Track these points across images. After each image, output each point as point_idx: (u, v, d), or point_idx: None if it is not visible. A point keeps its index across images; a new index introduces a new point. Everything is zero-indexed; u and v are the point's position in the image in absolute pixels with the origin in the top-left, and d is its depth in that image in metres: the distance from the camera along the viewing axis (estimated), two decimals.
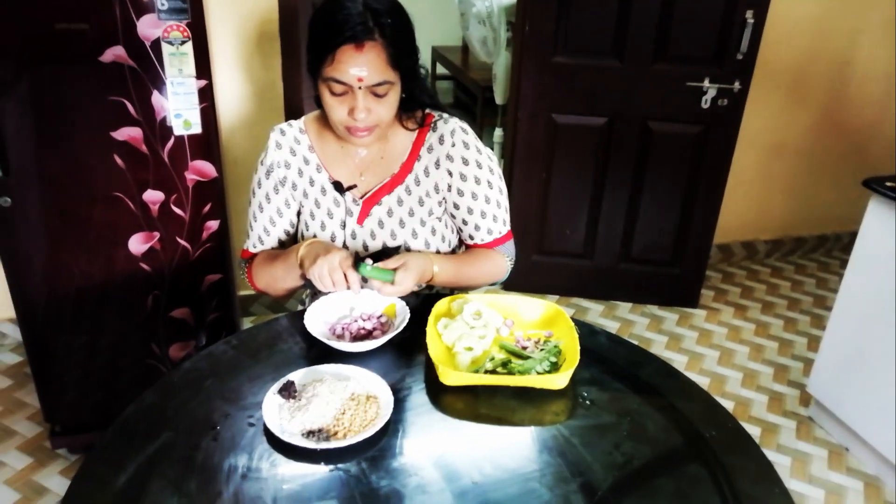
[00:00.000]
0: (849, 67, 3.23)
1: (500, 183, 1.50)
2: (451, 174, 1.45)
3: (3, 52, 1.68)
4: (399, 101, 1.37)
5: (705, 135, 2.80)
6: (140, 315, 2.05)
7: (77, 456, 2.22)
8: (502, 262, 1.53)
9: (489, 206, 1.48)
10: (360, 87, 1.29)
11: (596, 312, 3.11)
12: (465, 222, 1.50)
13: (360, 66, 1.26)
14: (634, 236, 3.04)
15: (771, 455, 2.34)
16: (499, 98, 3.97)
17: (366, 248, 1.48)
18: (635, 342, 1.46)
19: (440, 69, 5.49)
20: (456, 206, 1.48)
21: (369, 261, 1.29)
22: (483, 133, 4.66)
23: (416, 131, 1.46)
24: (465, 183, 1.45)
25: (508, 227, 1.53)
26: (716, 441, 1.14)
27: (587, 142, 2.90)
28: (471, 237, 1.52)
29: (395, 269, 1.29)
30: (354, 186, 1.46)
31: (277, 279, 1.44)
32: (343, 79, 1.28)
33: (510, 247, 1.55)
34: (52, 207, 1.86)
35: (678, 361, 2.79)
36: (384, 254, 1.43)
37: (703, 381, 2.67)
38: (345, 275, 1.28)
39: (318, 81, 1.33)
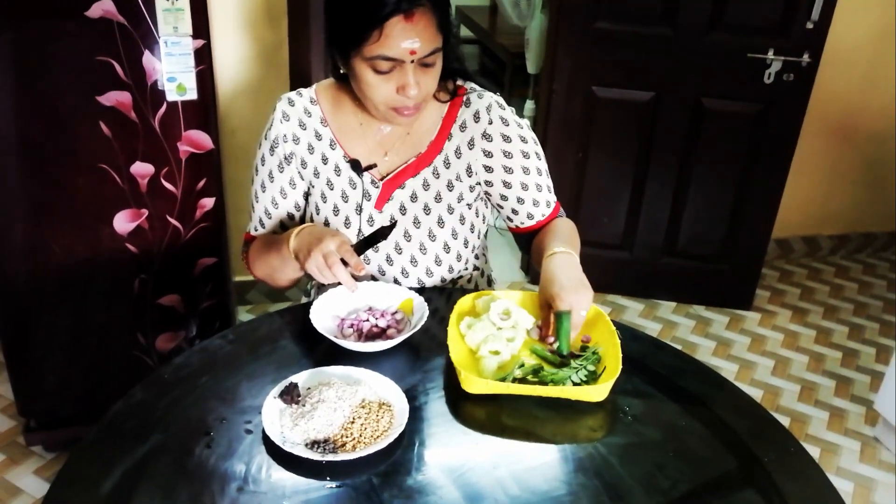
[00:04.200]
0: None
1: (541, 151, 1.51)
2: (489, 155, 1.44)
3: None
4: None
5: (766, 114, 2.76)
6: (125, 301, 2.07)
7: (53, 454, 2.24)
8: (574, 227, 1.54)
9: (542, 178, 1.49)
10: (412, 62, 1.27)
11: (634, 312, 3.09)
12: (520, 200, 1.49)
13: (412, 37, 1.24)
14: (680, 227, 3.01)
15: (830, 480, 2.32)
16: (531, 67, 3.94)
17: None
18: (678, 347, 1.45)
19: (464, 32, 5.46)
20: (507, 185, 1.47)
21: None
22: (512, 106, 4.63)
23: (447, 106, 1.45)
24: (511, 160, 1.45)
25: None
26: (774, 465, 1.12)
27: (630, 119, 2.87)
28: (530, 216, 1.51)
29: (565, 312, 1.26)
30: (374, 166, 1.45)
31: (275, 270, 1.43)
32: (393, 54, 1.25)
33: (563, 212, 1.57)
34: (31, 177, 1.87)
35: (727, 370, 2.77)
36: (380, 234, 1.36)
37: (754, 394, 2.65)
38: (344, 261, 1.26)
39: (354, 60, 1.29)
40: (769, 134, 2.80)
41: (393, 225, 1.38)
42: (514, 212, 1.51)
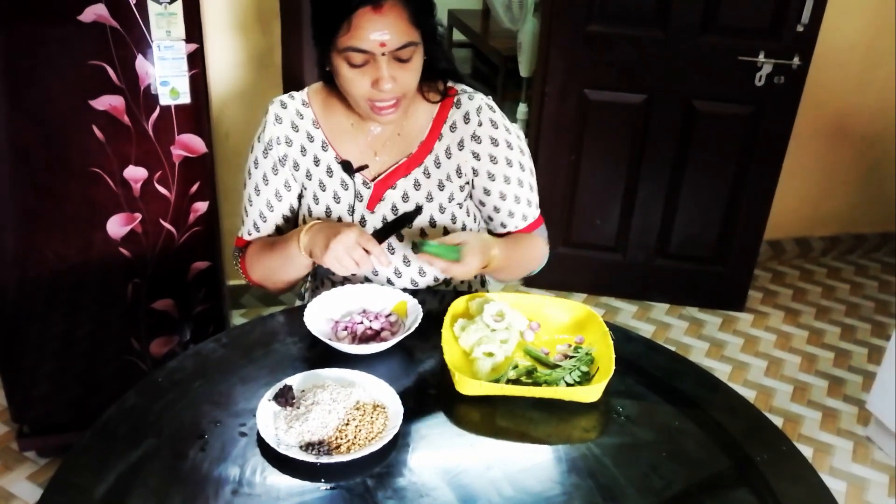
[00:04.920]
0: None
1: (530, 163, 1.51)
2: (477, 157, 1.45)
3: None
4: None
5: (758, 116, 2.77)
6: (119, 306, 2.06)
7: (47, 459, 2.24)
8: (544, 246, 1.55)
9: (522, 190, 1.49)
10: (383, 54, 1.28)
11: (628, 314, 3.10)
12: (496, 209, 1.49)
13: (381, 29, 1.25)
14: (673, 229, 3.02)
15: (823, 479, 2.32)
16: (524, 70, 3.95)
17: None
18: (672, 348, 1.45)
19: (457, 35, 5.47)
20: (486, 192, 1.48)
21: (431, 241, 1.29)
22: (505, 109, 4.63)
23: (437, 106, 1.45)
24: (496, 165, 1.45)
25: (539, 211, 1.54)
26: (767, 465, 1.13)
27: (623, 121, 2.88)
28: (503, 225, 1.52)
29: (458, 245, 1.29)
30: (365, 167, 1.46)
31: (276, 270, 1.43)
32: (363, 46, 1.27)
33: (544, 231, 1.57)
34: (23, 181, 1.87)
35: (720, 371, 2.78)
36: (404, 220, 1.40)
37: (748, 394, 2.66)
38: (365, 250, 1.27)
39: (332, 54, 1.31)
40: (761, 136, 2.81)
41: (418, 210, 1.40)
42: (490, 218, 1.53)
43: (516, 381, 1.22)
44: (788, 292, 3.33)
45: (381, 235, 1.37)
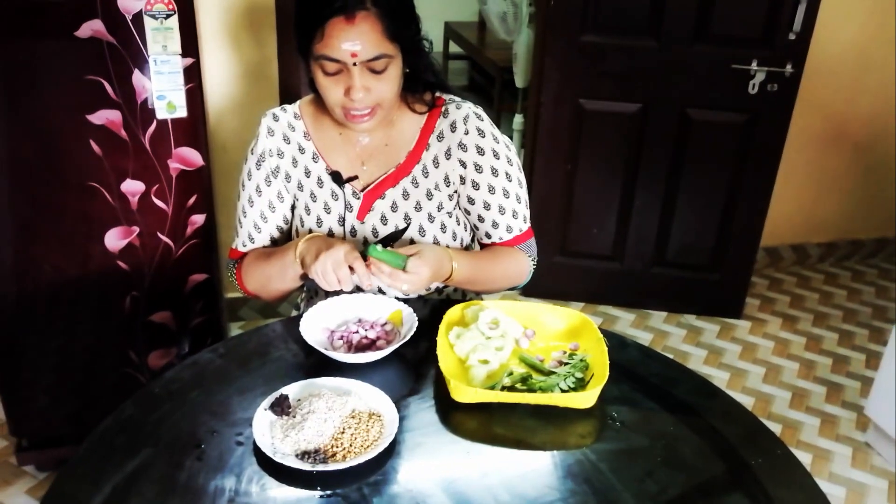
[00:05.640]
0: None
1: (519, 175, 1.50)
2: (464, 165, 1.45)
3: None
4: (403, 80, 1.37)
5: (752, 124, 2.79)
6: (116, 318, 2.07)
7: (46, 474, 2.23)
8: (525, 261, 1.53)
9: (508, 201, 1.48)
10: (354, 64, 1.29)
11: (626, 322, 3.10)
12: (481, 218, 1.50)
13: (352, 39, 1.27)
14: (670, 237, 3.03)
15: (823, 485, 2.30)
16: (519, 81, 3.96)
17: (374, 236, 1.49)
18: (670, 356, 1.46)
19: (454, 48, 5.50)
20: (471, 201, 1.48)
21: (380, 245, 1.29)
22: (501, 119, 4.66)
23: (425, 116, 1.47)
24: (480, 175, 1.45)
25: (529, 225, 1.54)
26: (762, 469, 1.13)
27: (618, 130, 2.89)
28: (488, 235, 1.52)
29: (408, 256, 1.29)
30: (355, 178, 1.47)
31: (271, 279, 1.44)
32: (334, 55, 1.28)
33: (531, 246, 1.55)
34: (21, 195, 1.88)
35: (719, 378, 2.78)
36: (393, 238, 1.43)
37: (746, 401, 2.66)
38: (351, 268, 1.28)
39: (310, 61, 1.34)
40: (755, 144, 2.82)
41: (400, 231, 1.41)
42: (476, 227, 1.53)
43: (511, 388, 1.22)
44: (786, 299, 3.33)
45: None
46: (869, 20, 3.10)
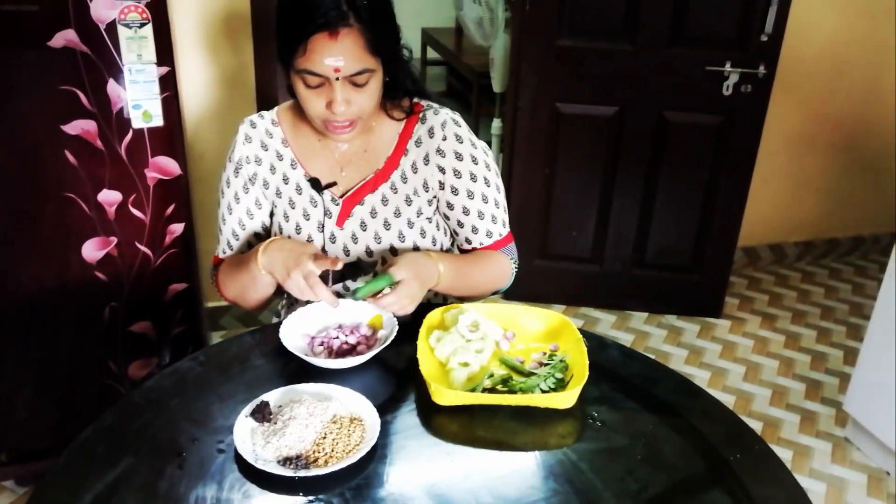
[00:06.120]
0: (886, 54, 3.26)
1: (497, 180, 1.51)
2: (442, 170, 1.46)
3: None
4: (382, 88, 1.38)
5: (728, 126, 2.82)
6: (96, 329, 2.05)
7: (26, 488, 2.21)
8: (507, 265, 1.54)
9: (487, 206, 1.49)
10: (337, 79, 1.29)
11: (607, 323, 3.12)
12: (460, 224, 1.50)
13: (336, 55, 1.27)
14: (649, 239, 3.06)
15: (803, 481, 2.35)
16: (497, 85, 3.98)
17: (347, 252, 1.49)
18: (651, 356, 1.47)
19: (431, 53, 5.52)
20: (450, 206, 1.49)
21: (354, 283, 1.29)
22: (479, 125, 4.68)
23: (403, 122, 1.47)
24: (459, 180, 1.46)
25: (508, 230, 1.55)
26: (740, 465, 1.15)
27: (595, 134, 2.92)
28: (468, 241, 1.52)
29: (388, 273, 1.29)
30: (334, 184, 1.47)
31: (246, 289, 1.44)
32: (317, 70, 1.29)
33: (512, 250, 1.56)
34: None
35: (699, 377, 2.80)
36: (358, 269, 1.43)
37: (727, 400, 2.68)
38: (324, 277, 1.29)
39: (291, 72, 1.34)
40: (731, 144, 2.85)
41: (374, 263, 1.42)
42: (455, 233, 1.54)
43: (492, 390, 1.23)
44: (764, 298, 3.37)
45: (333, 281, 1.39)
46: (841, 23, 3.14)
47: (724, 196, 2.94)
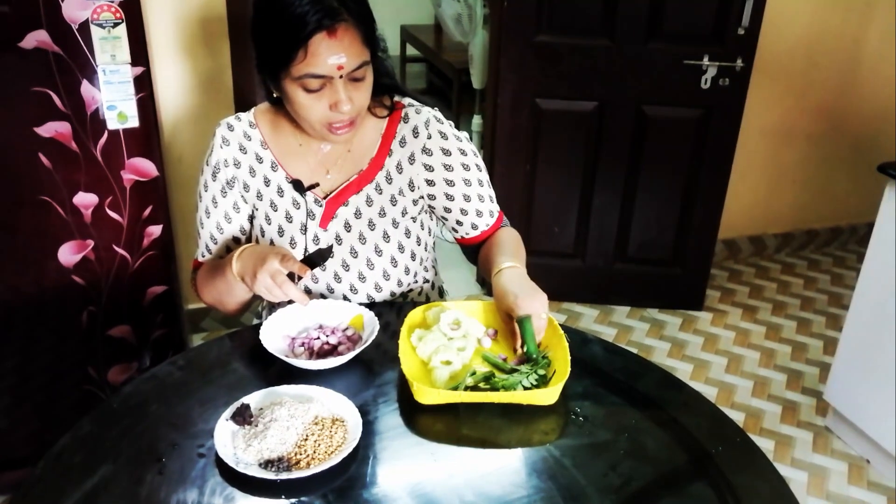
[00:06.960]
0: (861, 46, 3.29)
1: (481, 162, 1.53)
2: (430, 169, 1.46)
3: None
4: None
5: (706, 119, 2.84)
6: (74, 335, 2.03)
7: (4, 497, 2.18)
8: (516, 232, 1.56)
9: (483, 189, 1.51)
10: (340, 77, 1.28)
11: (590, 318, 3.13)
12: (463, 211, 1.51)
13: (338, 53, 1.25)
14: (630, 233, 3.07)
15: (785, 471, 2.37)
16: (476, 82, 3.99)
17: (337, 244, 1.47)
18: (634, 350, 1.47)
19: (411, 50, 5.50)
20: (449, 198, 1.49)
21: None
22: (460, 121, 4.67)
23: (385, 122, 1.46)
24: (452, 173, 1.46)
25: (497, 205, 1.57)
26: (723, 457, 1.15)
27: (575, 129, 2.92)
28: (474, 226, 1.53)
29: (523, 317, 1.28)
30: (316, 185, 1.46)
31: (223, 294, 1.43)
32: (321, 71, 1.26)
33: (507, 223, 1.59)
34: None
35: (682, 370, 2.82)
36: (319, 256, 1.39)
37: (709, 392, 2.70)
38: (291, 276, 1.27)
39: (284, 82, 1.30)
40: (710, 138, 2.87)
41: (329, 249, 1.39)
42: (459, 223, 1.53)
43: (475, 388, 1.22)
44: (745, 290, 3.39)
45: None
46: (816, 16, 3.17)
47: (704, 189, 2.95)
